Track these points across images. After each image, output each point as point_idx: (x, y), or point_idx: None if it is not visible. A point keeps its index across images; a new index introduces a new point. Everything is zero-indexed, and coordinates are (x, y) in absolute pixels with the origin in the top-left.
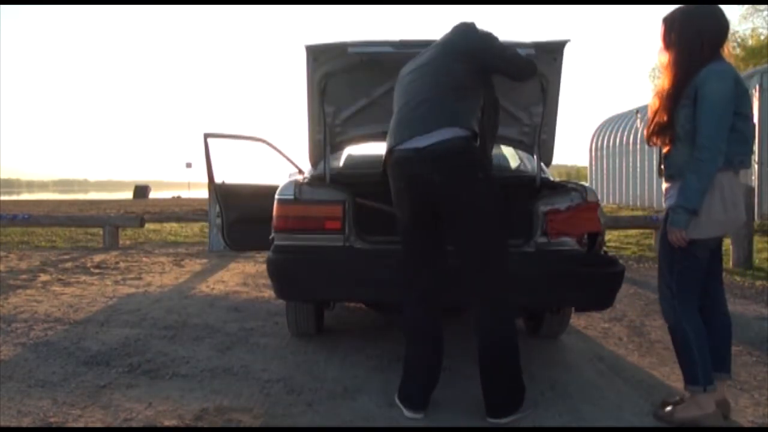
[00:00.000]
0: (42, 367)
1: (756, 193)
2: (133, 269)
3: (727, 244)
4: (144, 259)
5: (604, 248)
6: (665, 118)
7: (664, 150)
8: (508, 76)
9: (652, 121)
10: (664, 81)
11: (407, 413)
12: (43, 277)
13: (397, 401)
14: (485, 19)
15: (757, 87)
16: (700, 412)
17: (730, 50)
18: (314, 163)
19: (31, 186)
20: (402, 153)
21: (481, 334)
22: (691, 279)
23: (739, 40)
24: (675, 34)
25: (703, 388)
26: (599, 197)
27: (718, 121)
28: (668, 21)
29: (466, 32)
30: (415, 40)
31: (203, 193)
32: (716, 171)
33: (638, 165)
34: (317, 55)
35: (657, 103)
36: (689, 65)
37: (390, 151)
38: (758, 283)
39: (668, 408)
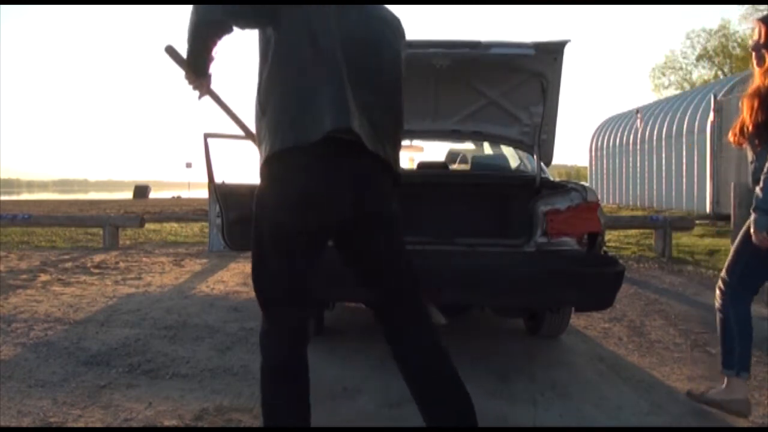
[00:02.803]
0: (42, 367)
1: None
2: (133, 269)
3: (727, 244)
4: (144, 259)
5: (604, 248)
6: (761, 119)
7: (752, 153)
8: None
9: (749, 121)
10: (763, 80)
11: None
12: (43, 277)
13: None
14: (485, 19)
15: None
16: (729, 396)
17: None
18: None
19: (31, 186)
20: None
21: (422, 351)
22: (754, 276)
23: (739, 40)
24: None
25: (736, 372)
26: (599, 197)
27: None
28: None
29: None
30: (414, 40)
31: (203, 193)
32: None
33: (638, 165)
34: None
35: (755, 103)
36: None
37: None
38: None
39: (703, 389)
